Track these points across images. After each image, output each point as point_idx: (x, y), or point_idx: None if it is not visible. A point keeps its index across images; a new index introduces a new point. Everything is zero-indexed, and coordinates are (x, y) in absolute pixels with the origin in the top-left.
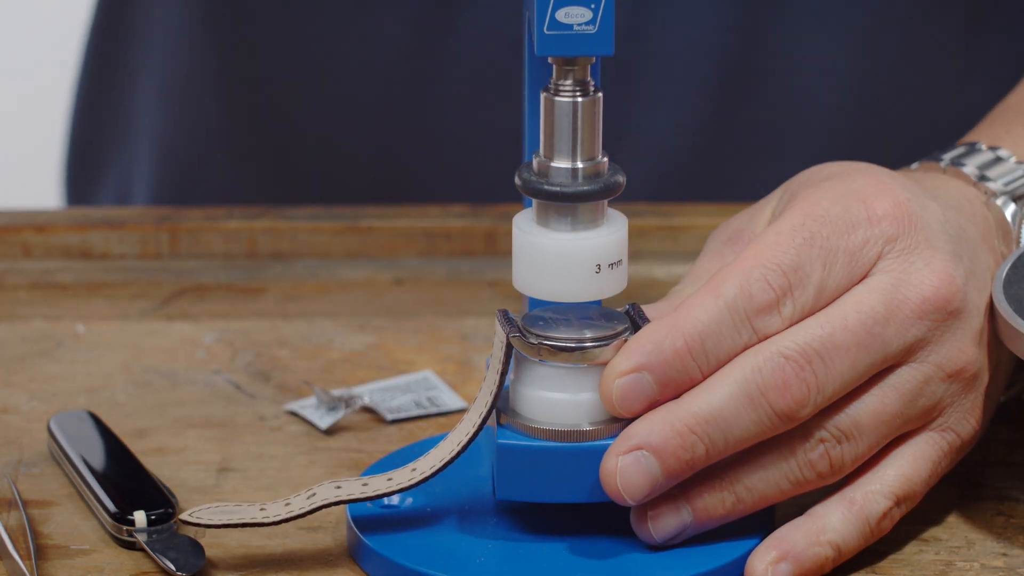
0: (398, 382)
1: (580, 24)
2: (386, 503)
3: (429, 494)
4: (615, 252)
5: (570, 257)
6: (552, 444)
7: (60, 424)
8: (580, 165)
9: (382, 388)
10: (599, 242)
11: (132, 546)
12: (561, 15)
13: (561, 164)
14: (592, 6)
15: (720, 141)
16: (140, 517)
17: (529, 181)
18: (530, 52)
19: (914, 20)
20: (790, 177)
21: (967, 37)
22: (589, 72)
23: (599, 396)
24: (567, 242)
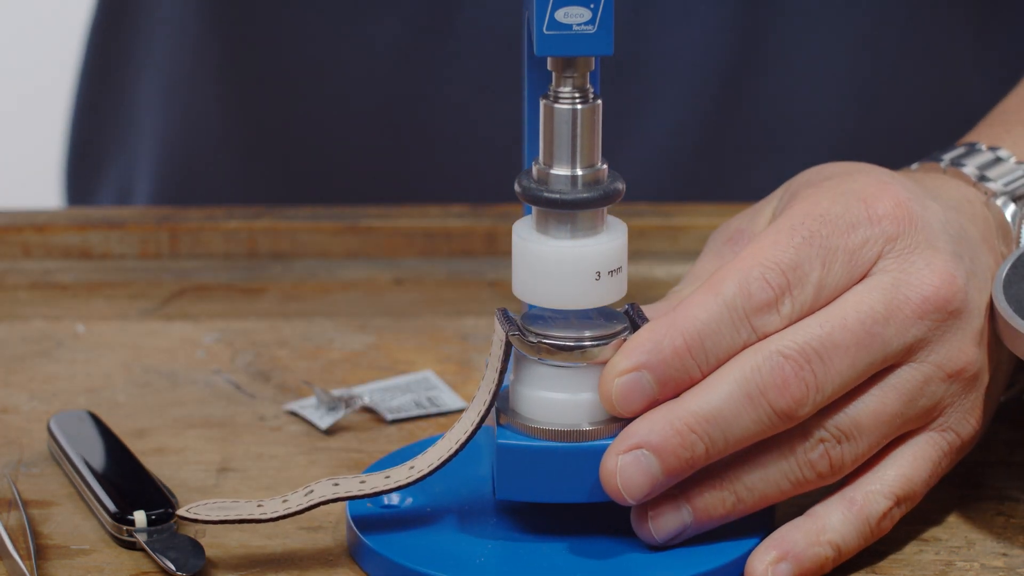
0: (398, 382)
1: (579, 24)
2: (386, 503)
3: (429, 494)
4: (615, 259)
5: (570, 264)
6: (552, 444)
7: (60, 424)
8: (580, 172)
9: (382, 388)
10: (599, 249)
11: (132, 546)
12: (560, 15)
13: (561, 171)
14: (591, 6)
15: (720, 141)
16: (140, 517)
17: (529, 188)
18: (529, 52)
19: (914, 20)
20: (790, 177)
21: (967, 37)
22: (588, 79)
23: (599, 396)
24: (567, 249)
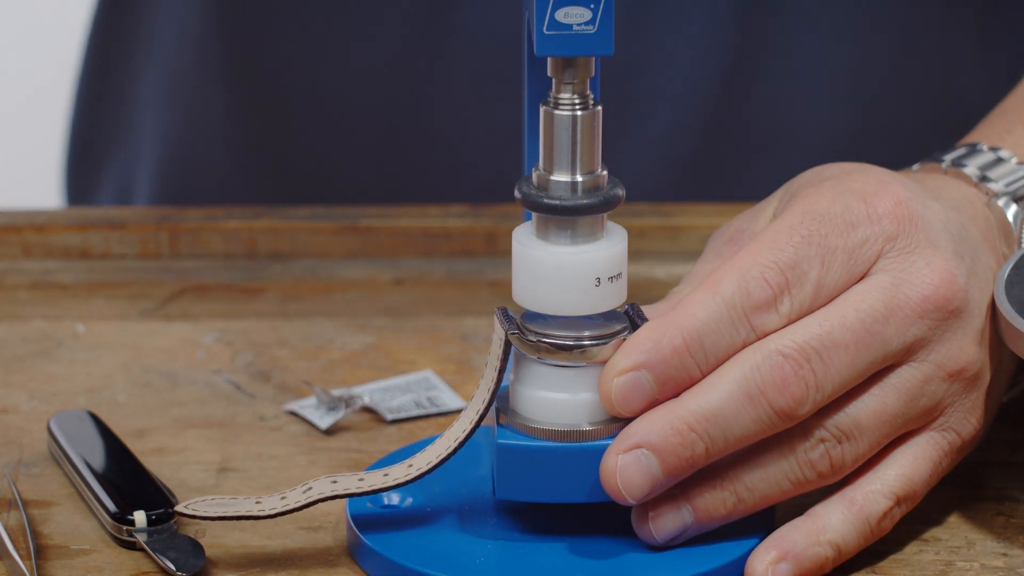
0: (398, 382)
1: (580, 24)
2: (386, 502)
3: (429, 494)
4: (615, 265)
5: (570, 270)
6: (552, 444)
7: (60, 424)
8: (580, 178)
9: (382, 388)
10: (599, 255)
11: (132, 546)
12: (561, 15)
13: (560, 177)
14: (592, 6)
15: (720, 141)
16: (140, 517)
17: (529, 194)
18: (529, 52)
19: (914, 20)
20: (790, 177)
21: (967, 37)
22: (588, 85)
23: (598, 395)
24: (567, 255)
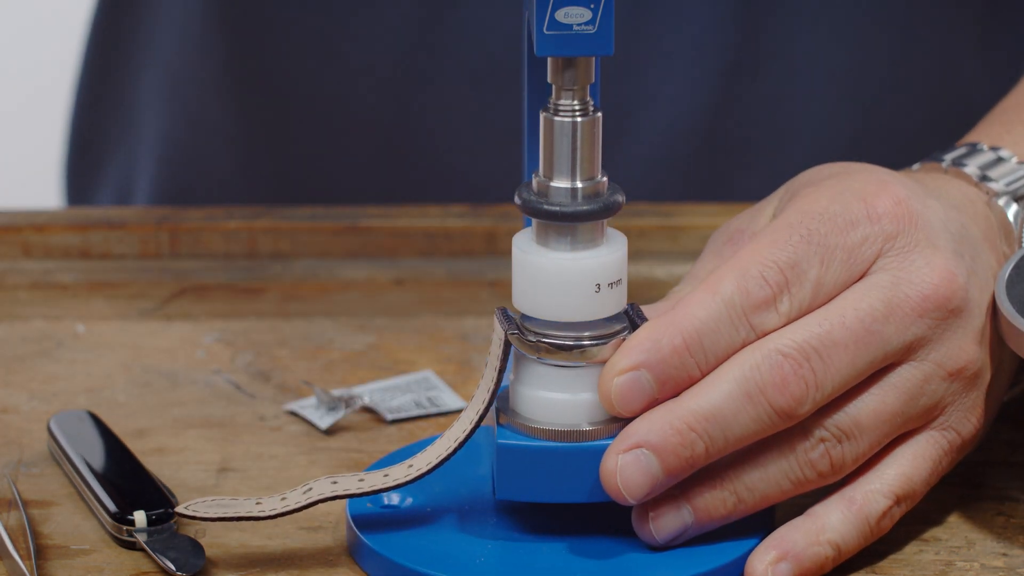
0: (398, 382)
1: (580, 24)
2: (386, 503)
3: (429, 494)
4: (615, 272)
5: (570, 277)
6: (552, 444)
7: (60, 424)
8: (579, 185)
9: (382, 388)
10: (599, 262)
11: (132, 546)
12: (561, 15)
13: (560, 184)
14: (592, 6)
15: (720, 141)
16: (140, 517)
17: (529, 200)
18: (530, 52)
19: (914, 20)
20: (790, 177)
21: (967, 37)
22: (588, 92)
23: (598, 395)
24: (567, 262)
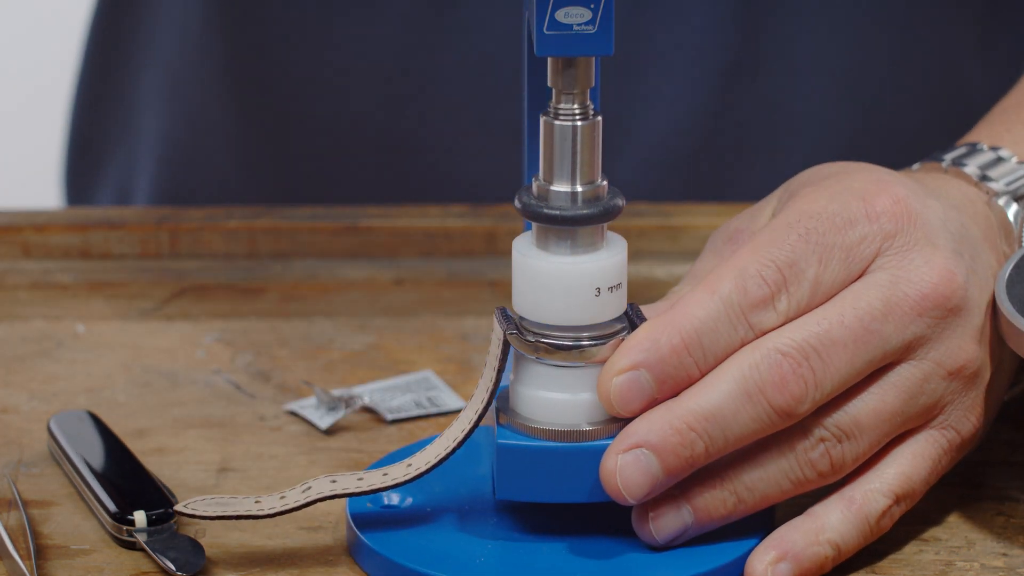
0: (398, 382)
1: (580, 24)
2: (386, 502)
3: (429, 494)
4: (615, 275)
5: (570, 280)
6: (552, 444)
7: (60, 424)
8: (579, 189)
9: (382, 388)
10: (599, 265)
11: (132, 546)
12: (561, 15)
13: (560, 188)
14: (592, 6)
15: (720, 141)
16: (140, 517)
17: (529, 204)
18: (530, 52)
19: (914, 20)
20: (790, 177)
21: (967, 36)
22: (588, 95)
23: (598, 395)
24: (567, 265)
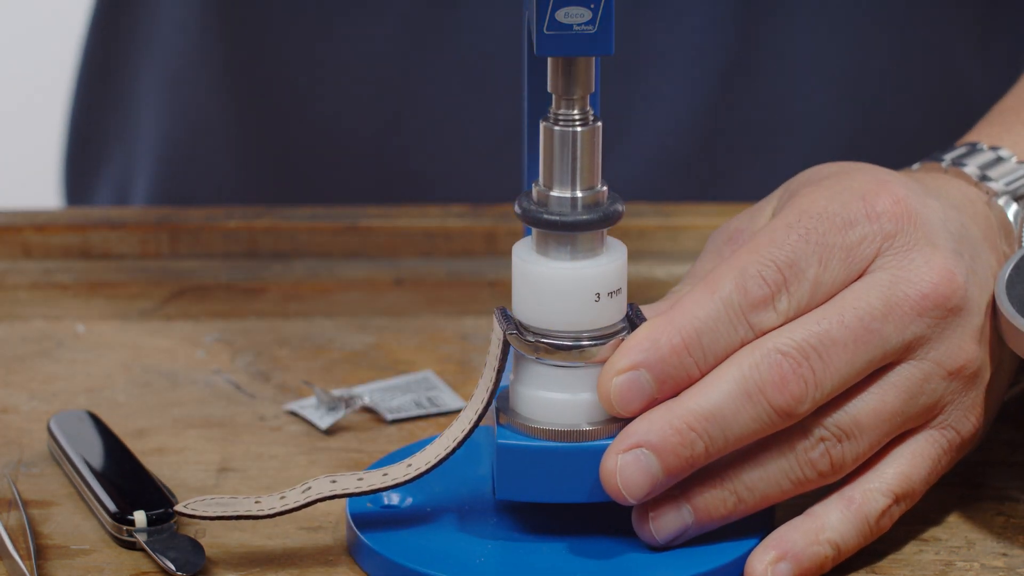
0: (398, 382)
1: (580, 24)
2: (386, 502)
3: (429, 494)
4: (614, 281)
5: (569, 286)
6: (552, 444)
7: (60, 424)
8: (579, 194)
9: (382, 388)
10: (599, 271)
11: (132, 546)
12: (561, 15)
13: (560, 193)
14: (592, 6)
15: (719, 141)
16: (140, 517)
17: (528, 210)
18: (530, 52)
19: (914, 20)
20: (789, 177)
21: (967, 36)
22: (588, 101)
23: (598, 395)
24: (567, 271)
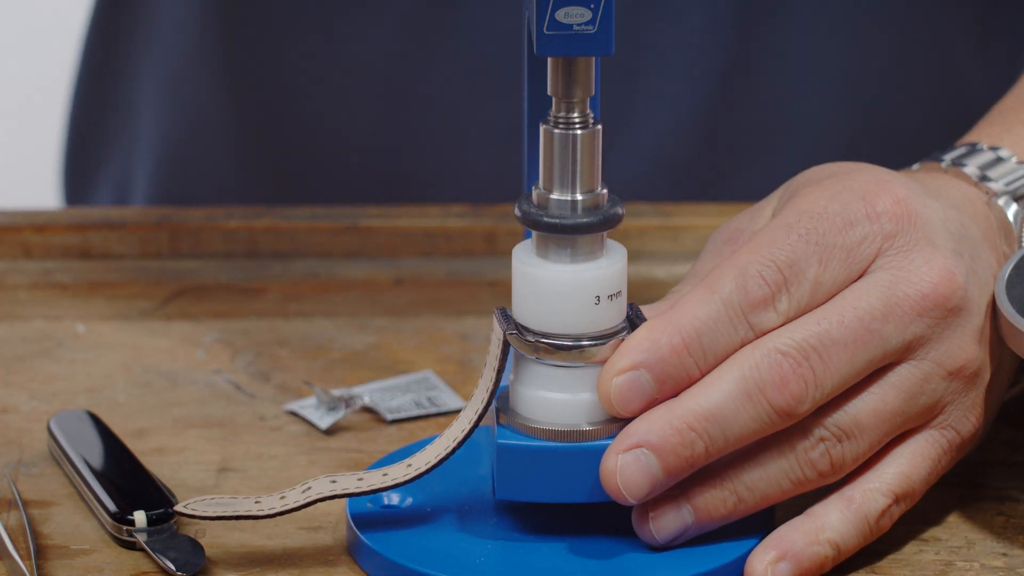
0: (398, 382)
1: (580, 24)
2: (386, 502)
3: (429, 493)
4: (614, 283)
5: (569, 288)
6: (552, 444)
7: (60, 424)
8: (579, 197)
9: (382, 388)
10: (598, 274)
11: (132, 546)
12: (561, 15)
13: (560, 196)
14: (592, 6)
15: (719, 141)
16: (140, 517)
17: (528, 213)
18: (530, 52)
19: (914, 20)
20: (789, 177)
21: (967, 36)
22: (588, 104)
23: (598, 395)
24: (566, 274)
